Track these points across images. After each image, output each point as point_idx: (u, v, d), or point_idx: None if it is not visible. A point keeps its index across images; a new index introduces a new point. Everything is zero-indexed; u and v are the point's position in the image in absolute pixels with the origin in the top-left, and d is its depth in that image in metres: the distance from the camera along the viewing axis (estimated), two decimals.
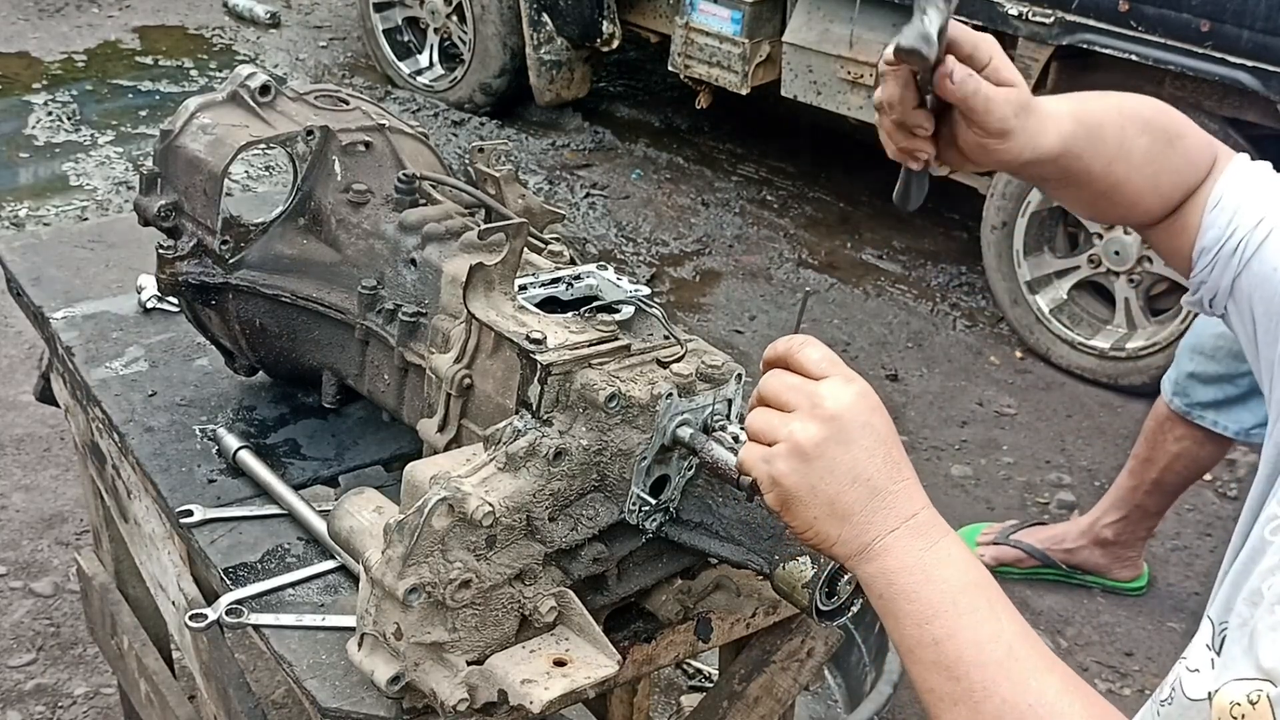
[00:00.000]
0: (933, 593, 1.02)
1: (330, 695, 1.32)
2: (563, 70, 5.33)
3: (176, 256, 1.66)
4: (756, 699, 1.64)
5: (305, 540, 1.54)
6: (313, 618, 1.42)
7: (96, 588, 2.27)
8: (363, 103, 1.75)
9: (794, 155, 5.47)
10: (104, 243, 2.17)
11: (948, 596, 1.02)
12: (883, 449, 1.05)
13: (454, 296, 1.48)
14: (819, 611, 1.26)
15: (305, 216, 1.67)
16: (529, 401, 1.33)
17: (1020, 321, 4.25)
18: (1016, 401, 4.05)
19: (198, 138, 1.62)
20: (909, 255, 4.84)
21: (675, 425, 1.30)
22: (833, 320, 4.41)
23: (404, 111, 5.41)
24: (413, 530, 1.19)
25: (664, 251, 4.76)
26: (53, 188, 4.89)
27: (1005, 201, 4.11)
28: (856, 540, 1.05)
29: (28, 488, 3.33)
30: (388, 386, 1.58)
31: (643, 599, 1.45)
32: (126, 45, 6.20)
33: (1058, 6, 3.90)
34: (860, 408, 1.06)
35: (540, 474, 1.27)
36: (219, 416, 1.75)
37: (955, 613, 1.02)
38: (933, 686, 1.02)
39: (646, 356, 1.39)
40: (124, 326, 1.94)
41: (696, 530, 1.35)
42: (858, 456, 1.04)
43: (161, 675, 2.10)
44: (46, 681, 2.79)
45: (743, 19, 4.69)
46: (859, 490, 1.04)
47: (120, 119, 5.43)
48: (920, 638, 1.02)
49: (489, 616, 1.26)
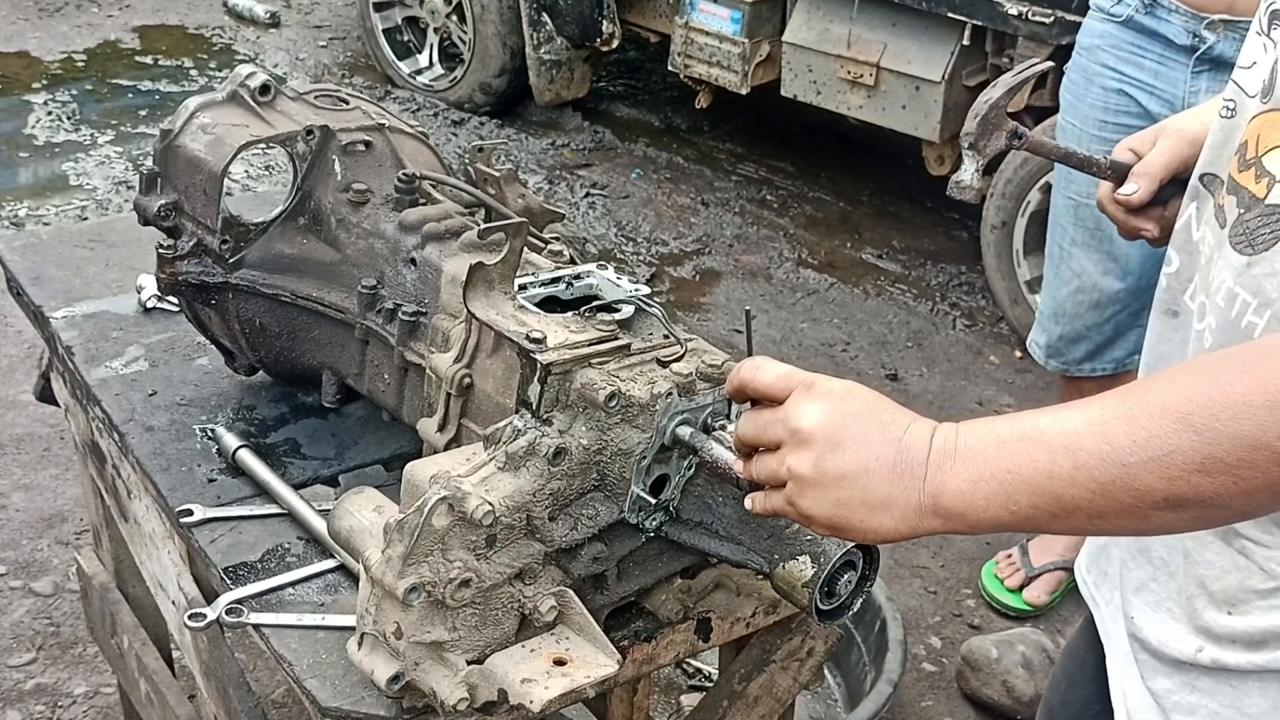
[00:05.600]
0: (1014, 462, 0.98)
1: (330, 694, 1.32)
2: (563, 70, 5.33)
3: (176, 256, 1.66)
4: (756, 698, 1.64)
5: (305, 540, 1.54)
6: (312, 617, 1.42)
7: (96, 587, 2.27)
8: (363, 102, 1.75)
9: (794, 155, 5.47)
10: (104, 242, 2.17)
11: (1029, 446, 0.98)
12: (872, 423, 1.04)
13: (454, 296, 1.48)
14: (819, 611, 1.26)
15: (305, 216, 1.67)
16: (529, 401, 1.33)
17: (1020, 321, 4.24)
18: (1016, 401, 4.05)
19: (198, 137, 1.62)
20: (909, 255, 4.84)
21: (675, 424, 1.30)
22: (833, 320, 4.41)
23: (404, 111, 5.41)
24: (413, 529, 1.19)
25: (664, 251, 4.76)
26: (53, 187, 4.88)
27: (1005, 201, 4.11)
28: (909, 513, 1.02)
29: (28, 487, 3.33)
30: (388, 386, 1.58)
31: (643, 598, 1.45)
32: (126, 45, 6.20)
33: (1058, 6, 3.90)
34: (831, 405, 1.05)
35: (540, 473, 1.27)
36: (219, 416, 1.75)
37: (1049, 444, 0.97)
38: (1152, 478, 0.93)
39: (646, 356, 1.39)
40: (124, 326, 1.94)
41: (696, 529, 1.35)
42: (857, 450, 1.04)
43: (161, 675, 2.10)
44: (46, 681, 2.79)
45: (742, 19, 4.69)
46: (878, 476, 1.03)
47: (120, 119, 5.43)
48: (1074, 478, 0.96)
49: (489, 616, 1.26)
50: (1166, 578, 1.25)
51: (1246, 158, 1.14)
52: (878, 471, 1.03)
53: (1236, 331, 1.11)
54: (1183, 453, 0.92)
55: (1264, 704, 1.17)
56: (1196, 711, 1.22)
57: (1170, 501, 0.94)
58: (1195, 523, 0.97)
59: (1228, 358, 0.96)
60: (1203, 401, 0.92)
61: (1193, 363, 0.99)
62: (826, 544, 1.25)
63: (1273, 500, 0.94)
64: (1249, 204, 1.12)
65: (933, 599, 3.23)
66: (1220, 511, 0.95)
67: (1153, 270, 1.51)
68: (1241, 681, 1.18)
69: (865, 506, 1.04)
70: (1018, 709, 2.83)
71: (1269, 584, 1.15)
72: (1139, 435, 0.94)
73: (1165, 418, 0.93)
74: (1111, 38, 2.69)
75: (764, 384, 1.10)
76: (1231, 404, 0.91)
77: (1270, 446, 0.90)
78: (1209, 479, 0.92)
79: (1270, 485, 0.92)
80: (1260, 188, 1.11)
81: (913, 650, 2.96)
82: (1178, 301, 1.28)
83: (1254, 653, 1.17)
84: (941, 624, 3.15)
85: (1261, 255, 1.09)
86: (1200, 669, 1.21)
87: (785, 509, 1.09)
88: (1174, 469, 0.93)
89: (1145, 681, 1.27)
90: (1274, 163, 1.10)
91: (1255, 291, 1.10)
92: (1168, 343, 1.31)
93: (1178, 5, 2.56)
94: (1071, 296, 2.92)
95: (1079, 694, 1.46)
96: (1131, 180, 1.48)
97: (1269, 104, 1.13)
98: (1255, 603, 1.16)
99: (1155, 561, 1.27)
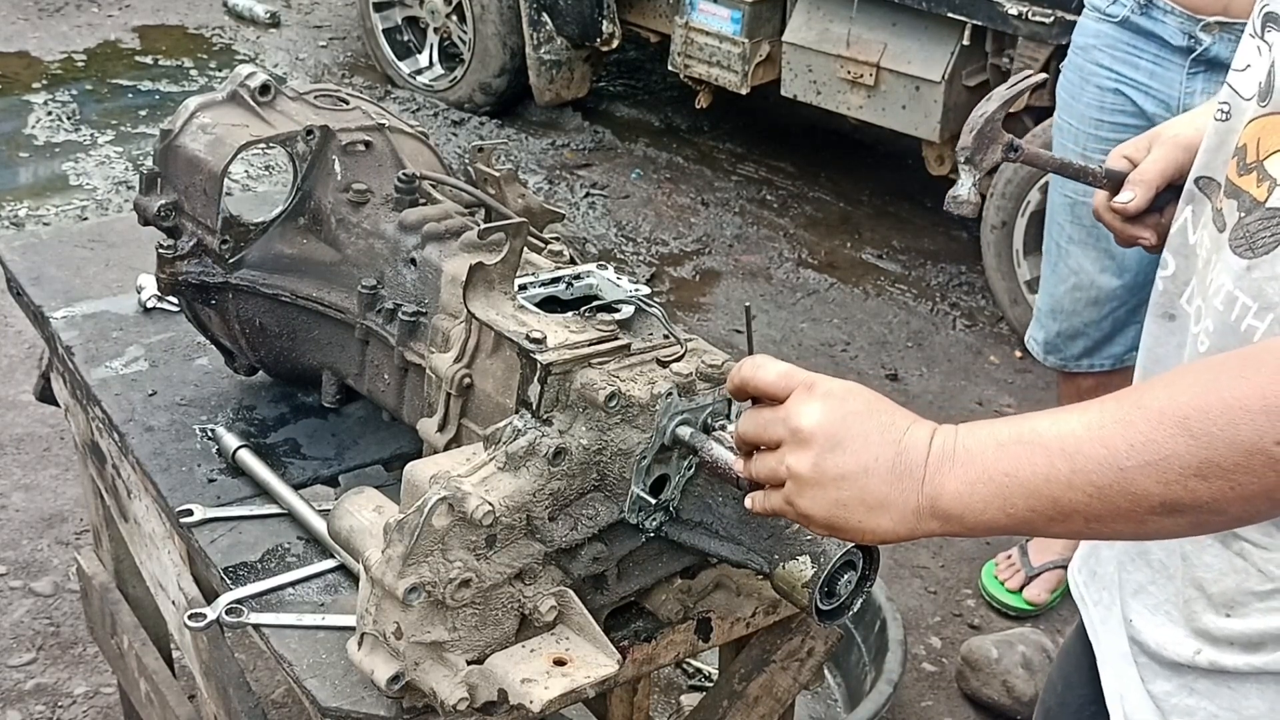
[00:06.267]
0: (1012, 465, 0.98)
1: (330, 694, 1.32)
2: (562, 70, 5.33)
3: (176, 256, 1.66)
4: (756, 698, 1.64)
5: (305, 540, 1.54)
6: (312, 617, 1.42)
7: (96, 587, 2.27)
8: (363, 102, 1.75)
9: (794, 155, 5.47)
10: (104, 242, 2.17)
11: (1027, 449, 0.97)
12: (871, 423, 1.04)
13: (454, 296, 1.48)
14: (819, 611, 1.26)
15: (305, 216, 1.67)
16: (529, 401, 1.33)
17: (1020, 321, 4.24)
18: (1016, 401, 4.05)
19: (198, 137, 1.62)
20: (909, 255, 4.84)
21: (675, 424, 1.30)
22: (833, 320, 4.41)
23: (404, 111, 5.41)
24: (413, 529, 1.19)
25: (664, 251, 4.76)
26: (53, 187, 4.88)
27: (1005, 201, 4.11)
28: (907, 515, 1.02)
29: (28, 487, 3.33)
30: (388, 386, 1.58)
31: (643, 598, 1.45)
32: (126, 45, 6.20)
33: (1058, 6, 3.90)
34: (831, 405, 1.05)
35: (540, 473, 1.27)
36: (219, 416, 1.75)
37: (1046, 447, 0.97)
38: (1154, 482, 0.93)
39: (646, 356, 1.39)
40: (124, 326, 1.94)
41: (696, 529, 1.35)
42: (856, 450, 1.03)
43: (161, 675, 2.10)
44: (46, 681, 2.79)
45: (742, 19, 4.69)
46: (877, 476, 1.03)
47: (120, 119, 5.43)
48: (1072, 481, 0.95)
49: (489, 616, 1.26)
50: (1165, 580, 1.25)
51: (1246, 161, 1.13)
52: (877, 472, 1.03)
53: (1235, 335, 1.11)
54: (1179, 457, 0.92)
55: (1262, 706, 1.17)
56: (1195, 714, 1.22)
57: (1166, 506, 0.94)
58: (1191, 528, 0.97)
59: (1225, 362, 0.96)
60: (1200, 406, 0.92)
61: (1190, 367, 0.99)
62: (826, 544, 1.25)
63: (1269, 506, 0.93)
64: (1250, 207, 1.12)
65: (933, 599, 3.23)
66: (1217, 517, 0.95)
67: (1150, 267, 1.50)
68: (1240, 684, 1.18)
69: (864, 507, 1.03)
70: (1018, 709, 2.83)
71: (1267, 586, 1.15)
72: (1136, 439, 0.94)
73: (1162, 422, 0.93)
74: (1107, 37, 2.69)
75: (765, 382, 1.10)
76: (1228, 409, 0.91)
77: (1266, 452, 0.90)
78: (1205, 484, 0.92)
79: (1267, 491, 0.91)
80: (1261, 191, 1.11)
81: (913, 650, 2.96)
82: (1174, 305, 1.28)
83: (1252, 655, 1.17)
84: (941, 624, 3.15)
85: (1262, 258, 1.09)
86: (1198, 671, 1.21)
87: (784, 508, 1.09)
88: (1170, 473, 0.93)
89: (1144, 684, 1.27)
90: (1276, 167, 1.10)
91: (1256, 295, 1.09)
92: (1164, 346, 1.31)
93: (1173, 6, 2.56)
94: (1069, 293, 2.93)
95: (1075, 695, 1.46)
96: (1128, 188, 1.46)
97: (1267, 107, 1.13)
98: (1253, 605, 1.16)
99: (1154, 564, 1.26)
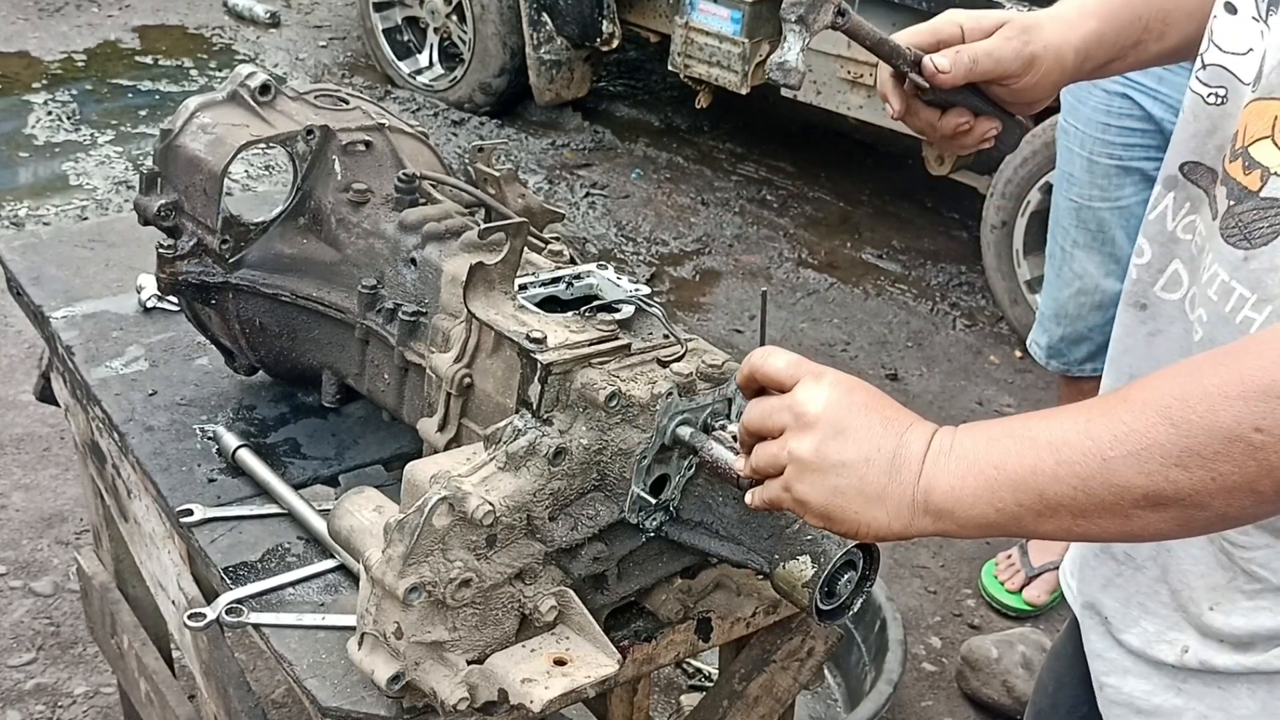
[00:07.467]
0: (1001, 458, 0.98)
1: (330, 694, 1.32)
2: (563, 70, 5.33)
3: (176, 256, 1.66)
4: (756, 698, 1.64)
5: (305, 539, 1.54)
6: (313, 617, 1.42)
7: (96, 587, 2.27)
8: (363, 102, 1.75)
9: (794, 155, 5.47)
10: (104, 242, 2.17)
11: (1017, 443, 0.98)
12: (875, 416, 1.04)
13: (454, 296, 1.48)
14: (819, 611, 1.26)
15: (305, 216, 1.67)
16: (529, 401, 1.33)
17: (1020, 321, 4.24)
18: (1016, 401, 4.05)
19: (198, 137, 1.62)
20: (909, 255, 4.84)
21: (675, 424, 1.30)
22: (833, 320, 4.41)
23: (404, 111, 5.41)
24: (413, 529, 1.19)
25: (664, 251, 4.76)
26: (52, 187, 4.88)
27: (1005, 201, 4.11)
28: (903, 509, 1.02)
29: (28, 487, 3.33)
30: (388, 386, 1.58)
31: (643, 598, 1.45)
32: (126, 45, 6.20)
33: None
34: (838, 394, 1.06)
35: (540, 473, 1.27)
36: (219, 416, 1.75)
37: (1034, 440, 0.97)
38: (1133, 473, 0.93)
39: (646, 356, 1.39)
40: (124, 326, 1.94)
41: (696, 529, 1.35)
42: (859, 439, 1.03)
43: (161, 674, 2.10)
44: (46, 681, 2.79)
45: (742, 19, 4.69)
46: (876, 467, 1.03)
47: (120, 119, 5.43)
48: (1057, 474, 0.96)
49: (489, 615, 1.26)
50: (1151, 582, 1.25)
51: (1234, 147, 1.13)
52: (877, 463, 1.03)
53: (1230, 326, 1.11)
54: (1160, 446, 0.92)
55: (1253, 706, 1.17)
56: (1183, 714, 1.21)
57: (1150, 499, 0.94)
58: (1177, 525, 0.97)
59: (1210, 354, 0.96)
60: (1180, 395, 0.93)
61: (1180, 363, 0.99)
62: (827, 544, 1.25)
63: (1253, 501, 0.93)
64: (1240, 196, 1.11)
65: (933, 599, 3.23)
66: (1201, 512, 0.94)
67: None
68: (1230, 684, 1.18)
69: (861, 497, 1.03)
70: (1018, 709, 2.83)
71: (1252, 585, 1.14)
72: (1119, 430, 0.94)
73: (1145, 412, 0.94)
74: None
75: (772, 370, 1.10)
76: (1208, 396, 0.91)
77: (1245, 439, 0.90)
78: (1186, 474, 0.92)
79: (1248, 482, 0.91)
80: (1252, 179, 1.10)
81: (913, 650, 2.96)
82: (1146, 294, 1.27)
83: (1242, 654, 1.16)
84: (941, 624, 3.15)
85: (1259, 249, 1.08)
86: (1187, 671, 1.21)
87: (781, 495, 1.08)
88: (1152, 463, 0.93)
89: (1130, 684, 1.27)
90: (1261, 153, 1.09)
91: (1254, 286, 1.09)
92: (1133, 335, 1.29)
93: None
94: (1073, 298, 2.93)
95: (1067, 696, 1.46)
96: (944, 55, 1.29)
97: (1257, 93, 1.12)
98: (1240, 603, 1.16)
99: (1141, 566, 1.26)
